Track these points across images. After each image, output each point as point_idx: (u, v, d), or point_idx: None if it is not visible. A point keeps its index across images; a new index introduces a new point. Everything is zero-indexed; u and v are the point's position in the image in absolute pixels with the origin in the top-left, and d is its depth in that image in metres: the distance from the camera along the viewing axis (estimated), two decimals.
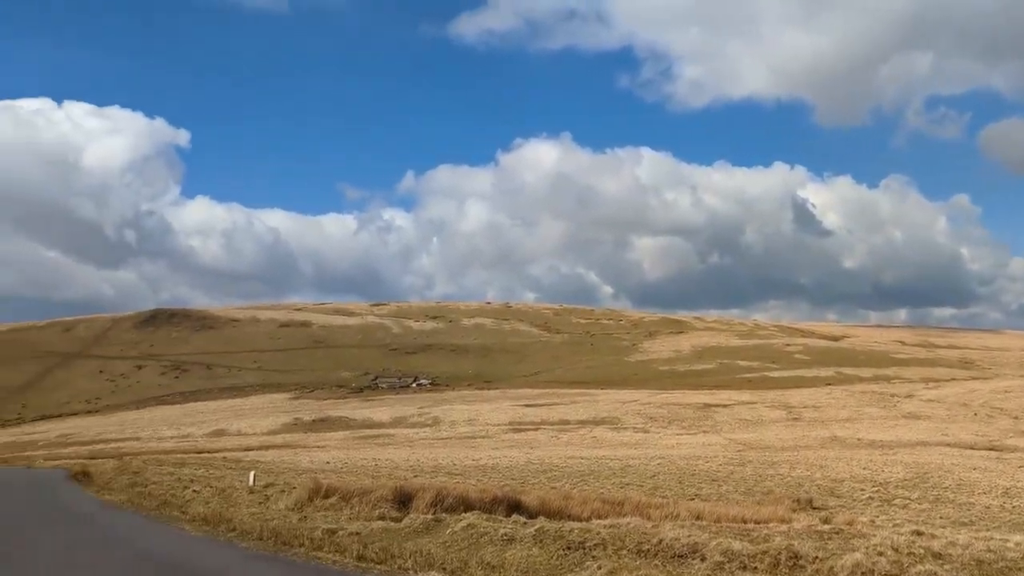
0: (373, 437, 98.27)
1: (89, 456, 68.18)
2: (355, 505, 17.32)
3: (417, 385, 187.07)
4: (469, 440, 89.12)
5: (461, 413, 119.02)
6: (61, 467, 50.16)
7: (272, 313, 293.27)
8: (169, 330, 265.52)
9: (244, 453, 66.18)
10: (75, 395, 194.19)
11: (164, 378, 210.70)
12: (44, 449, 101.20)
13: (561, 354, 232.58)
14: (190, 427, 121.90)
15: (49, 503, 23.89)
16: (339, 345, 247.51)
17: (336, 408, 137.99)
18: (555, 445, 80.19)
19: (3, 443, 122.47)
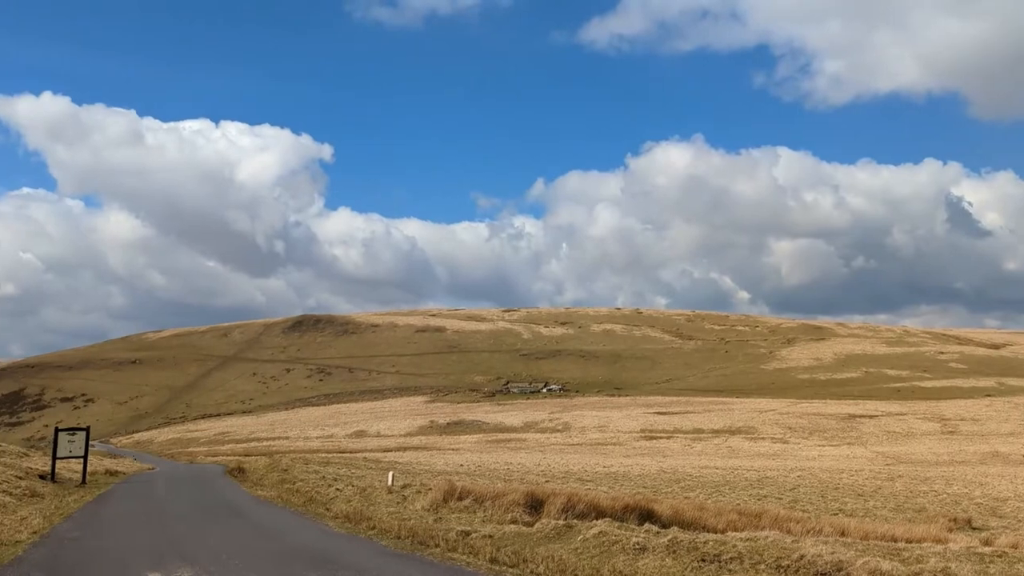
0: (505, 441, 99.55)
1: (244, 453, 72.91)
2: (488, 508, 17.63)
3: (547, 390, 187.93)
4: (600, 447, 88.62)
5: (591, 419, 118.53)
6: (219, 463, 53.90)
7: (409, 319, 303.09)
8: (314, 335, 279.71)
9: (383, 454, 68.74)
10: (231, 396, 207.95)
11: (310, 380, 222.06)
12: (205, 446, 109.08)
13: (694, 361, 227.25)
14: (333, 428, 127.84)
15: (211, 497, 25.73)
16: (472, 350, 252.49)
17: (469, 412, 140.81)
18: (688, 454, 78.41)
19: (170, 439, 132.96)
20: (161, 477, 37.89)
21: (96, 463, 36.42)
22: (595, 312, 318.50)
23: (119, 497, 25.72)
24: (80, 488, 28.92)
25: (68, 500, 24.07)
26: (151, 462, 61.25)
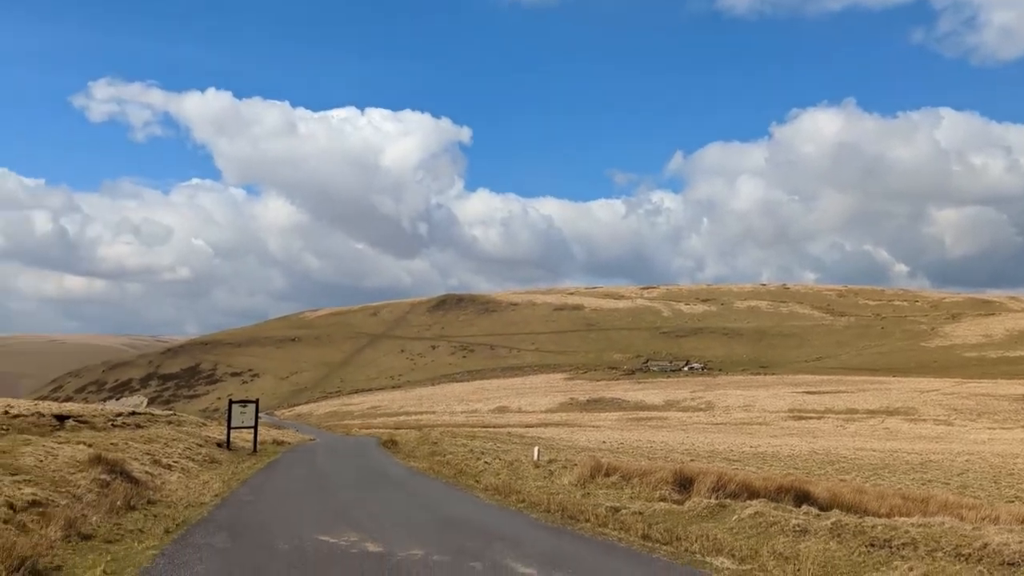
0: (646, 419, 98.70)
1: (394, 426, 76.23)
2: (635, 485, 17.56)
3: (689, 369, 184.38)
4: (745, 426, 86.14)
5: (736, 398, 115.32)
6: (373, 435, 56.62)
7: (547, 297, 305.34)
8: (457, 313, 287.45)
9: (525, 429, 69.89)
10: (381, 371, 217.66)
11: (454, 357, 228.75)
12: (359, 419, 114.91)
13: (846, 339, 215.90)
14: (477, 403, 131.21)
15: (369, 467, 27.11)
16: (610, 328, 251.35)
17: (609, 389, 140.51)
18: (841, 435, 74.83)
19: (328, 412, 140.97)
20: (322, 448, 40.26)
21: (264, 433, 39.16)
22: (739, 288, 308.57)
23: (286, 465, 27.57)
24: (252, 456, 31.25)
25: (242, 467, 26.07)
26: (311, 433, 65.19)
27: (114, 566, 9.40)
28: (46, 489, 13.95)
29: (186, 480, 20.87)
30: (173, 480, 20.55)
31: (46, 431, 27.99)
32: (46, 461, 17.04)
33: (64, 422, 32.24)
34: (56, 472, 16.04)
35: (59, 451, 18.70)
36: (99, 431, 30.32)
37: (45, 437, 23.75)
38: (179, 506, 15.40)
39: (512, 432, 58.51)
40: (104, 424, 34.46)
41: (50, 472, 15.89)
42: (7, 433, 25.48)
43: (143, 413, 45.26)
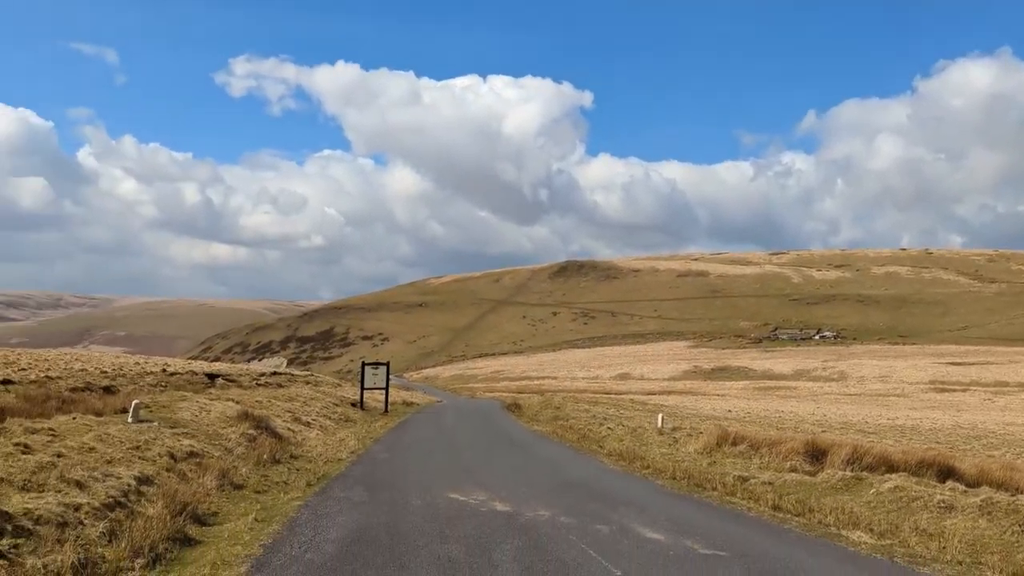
0: (773, 388, 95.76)
1: (517, 391, 77.46)
2: (764, 455, 17.13)
3: (820, 337, 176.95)
4: (881, 398, 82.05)
5: (871, 368, 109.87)
6: (496, 399, 57.78)
7: (670, 263, 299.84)
8: (578, 280, 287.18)
9: (647, 397, 69.35)
10: (504, 337, 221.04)
11: (575, 324, 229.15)
12: (482, 382, 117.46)
13: (996, 307, 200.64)
14: (598, 370, 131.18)
15: (494, 429, 27.74)
16: (736, 295, 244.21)
17: (735, 358, 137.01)
18: (988, 409, 69.96)
19: (453, 375, 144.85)
20: (448, 409, 41.49)
21: (394, 394, 40.71)
22: (875, 253, 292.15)
23: (416, 425, 28.61)
24: (384, 416, 32.62)
25: (375, 426, 27.27)
26: (438, 395, 67.24)
27: (264, 515, 10.09)
28: (201, 441, 15.10)
29: (324, 437, 22.05)
30: (312, 437, 21.77)
31: (199, 388, 30.22)
32: (200, 416, 18.42)
33: (214, 380, 34.69)
34: (209, 426, 17.31)
35: (211, 407, 20.16)
36: (245, 389, 32.45)
37: (198, 394, 25.65)
38: (318, 461, 16.31)
39: (634, 399, 58.20)
40: (249, 383, 36.83)
41: (204, 426, 17.17)
42: (166, 389, 27.68)
43: (283, 373, 48.04)
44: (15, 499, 7.60)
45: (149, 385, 28.79)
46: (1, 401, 17.50)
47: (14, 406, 17.13)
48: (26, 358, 32.37)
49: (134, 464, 11.01)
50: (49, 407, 17.96)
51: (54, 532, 7.14)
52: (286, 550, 8.21)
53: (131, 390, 25.22)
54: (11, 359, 31.61)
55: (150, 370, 34.20)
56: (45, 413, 16.39)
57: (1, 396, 18.83)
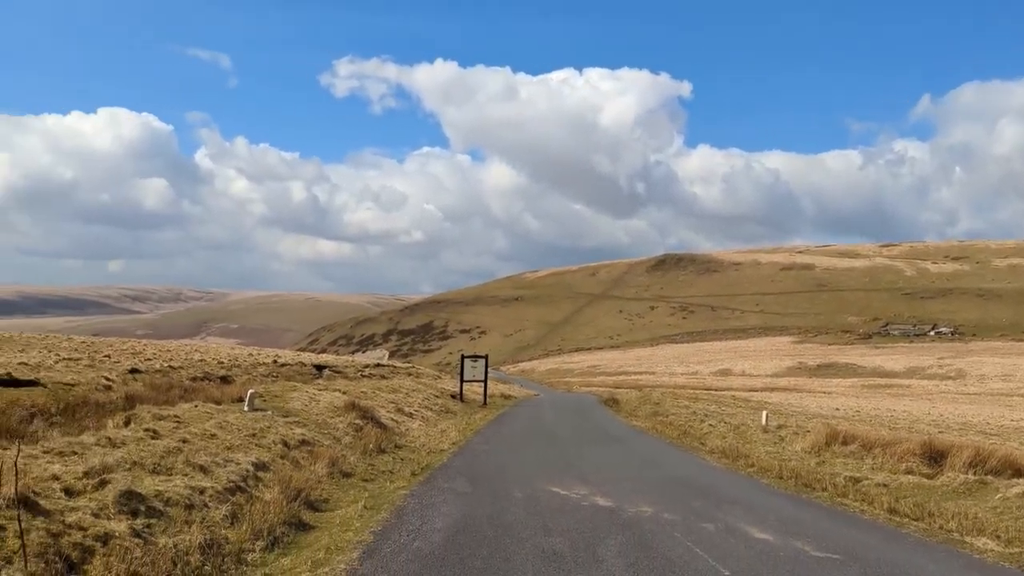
0: (884, 387, 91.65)
1: (613, 385, 76.97)
2: (877, 456, 16.44)
3: (935, 333, 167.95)
4: (1004, 398, 77.20)
5: (993, 367, 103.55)
6: (592, 393, 57.59)
7: (773, 256, 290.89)
8: (676, 273, 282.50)
9: (749, 393, 67.60)
10: (600, 331, 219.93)
11: (673, 318, 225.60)
12: (578, 376, 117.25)
13: None
14: (697, 365, 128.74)
15: (592, 423, 27.68)
16: (844, 289, 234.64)
17: (842, 354, 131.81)
18: None
19: (549, 369, 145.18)
20: (546, 403, 41.62)
21: (492, 387, 41.12)
22: (998, 245, 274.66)
23: (514, 418, 28.84)
24: (483, 408, 33.04)
25: (475, 418, 27.65)
26: (535, 389, 67.59)
27: (372, 502, 10.40)
28: (312, 430, 15.70)
29: (426, 428, 22.54)
30: (414, 427, 22.29)
31: (307, 379, 31.43)
32: (310, 405, 19.14)
33: (322, 371, 36.00)
34: (318, 416, 17.97)
35: (320, 397, 20.92)
36: (350, 380, 33.54)
37: (307, 384, 26.67)
38: (421, 451, 16.68)
39: (736, 396, 56.83)
40: (354, 374, 38.05)
41: (314, 415, 17.84)
42: (277, 379, 28.91)
43: (386, 365, 49.38)
44: (147, 481, 8.11)
45: (262, 375, 30.15)
46: (131, 389, 18.70)
47: (142, 394, 18.26)
48: (151, 349, 34.50)
49: (251, 451, 11.55)
50: (173, 395, 19.05)
51: (182, 514, 7.58)
52: (395, 538, 8.44)
53: (245, 380, 26.47)
54: (138, 350, 33.74)
55: (262, 361, 35.80)
56: (170, 401, 17.40)
57: (131, 384, 20.12)
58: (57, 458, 8.20)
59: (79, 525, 6.26)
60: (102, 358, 26.99)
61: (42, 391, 16.21)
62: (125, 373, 22.52)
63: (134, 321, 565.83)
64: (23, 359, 21.63)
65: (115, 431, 10.82)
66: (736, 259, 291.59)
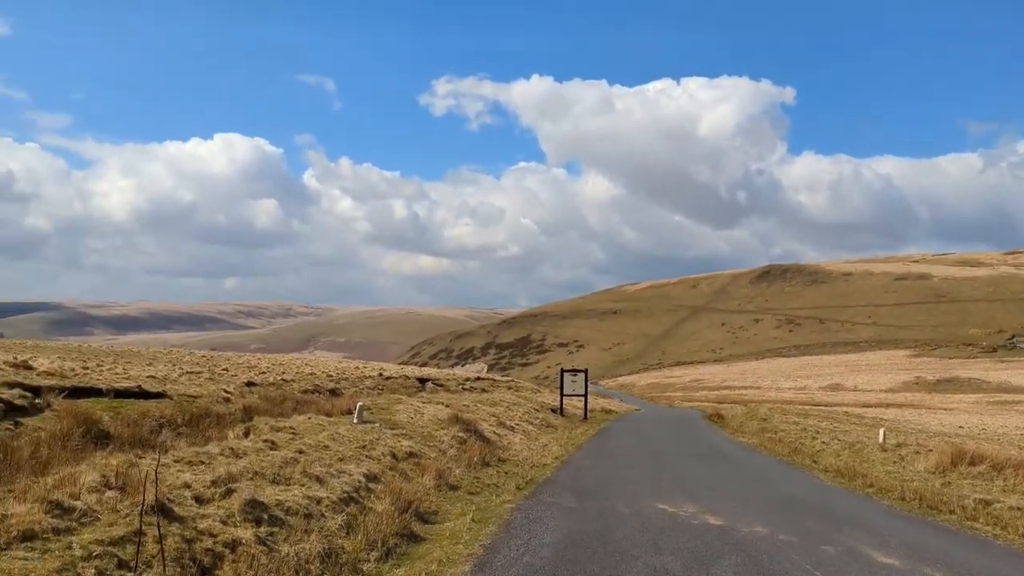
0: (1012, 403, 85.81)
1: (717, 400, 75.10)
2: (1009, 477, 15.40)
3: None
4: None
5: None
6: (695, 408, 56.34)
7: (886, 266, 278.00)
8: (782, 285, 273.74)
9: (863, 409, 64.63)
10: (702, 345, 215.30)
11: (779, 331, 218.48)
12: (680, 391, 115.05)
13: None
14: (806, 379, 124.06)
15: (696, 439, 27.08)
16: (965, 299, 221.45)
17: (964, 368, 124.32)
18: None
19: (649, 383, 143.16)
20: (647, 418, 41.03)
21: (592, 402, 40.91)
22: None
23: (616, 433, 28.55)
24: (583, 422, 32.87)
25: (575, 432, 27.53)
26: (635, 403, 66.75)
27: (480, 516, 10.50)
28: (418, 442, 16.00)
29: (527, 442, 22.59)
30: (516, 441, 22.38)
31: (411, 391, 32.10)
32: (415, 418, 19.52)
33: (424, 384, 36.69)
34: (423, 428, 18.30)
35: (424, 409, 21.31)
36: (452, 393, 34.03)
37: (411, 397, 27.24)
38: (524, 465, 16.73)
39: (848, 412, 54.44)
40: (456, 388, 38.60)
41: (419, 428, 18.19)
42: (382, 392, 29.65)
43: (486, 379, 49.87)
44: (268, 491, 8.45)
45: (368, 388, 30.99)
46: (248, 401, 19.57)
47: (258, 406, 19.08)
48: (264, 363, 36.03)
49: (362, 462, 11.87)
50: (286, 407, 19.82)
51: (302, 522, 7.86)
52: (504, 552, 8.48)
53: (353, 392, 27.28)
54: (252, 364, 35.32)
55: (368, 374, 36.80)
56: (284, 413, 18.10)
57: (247, 397, 21.05)
58: (187, 467, 8.67)
59: (209, 532, 6.60)
60: (220, 371, 28.36)
61: (169, 403, 17.16)
62: (242, 386, 23.60)
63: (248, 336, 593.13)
64: (151, 372, 22.97)
65: (236, 442, 11.33)
66: (846, 269, 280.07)
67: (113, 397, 16.49)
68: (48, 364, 20.87)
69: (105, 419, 13.19)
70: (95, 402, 15.29)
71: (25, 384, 14.93)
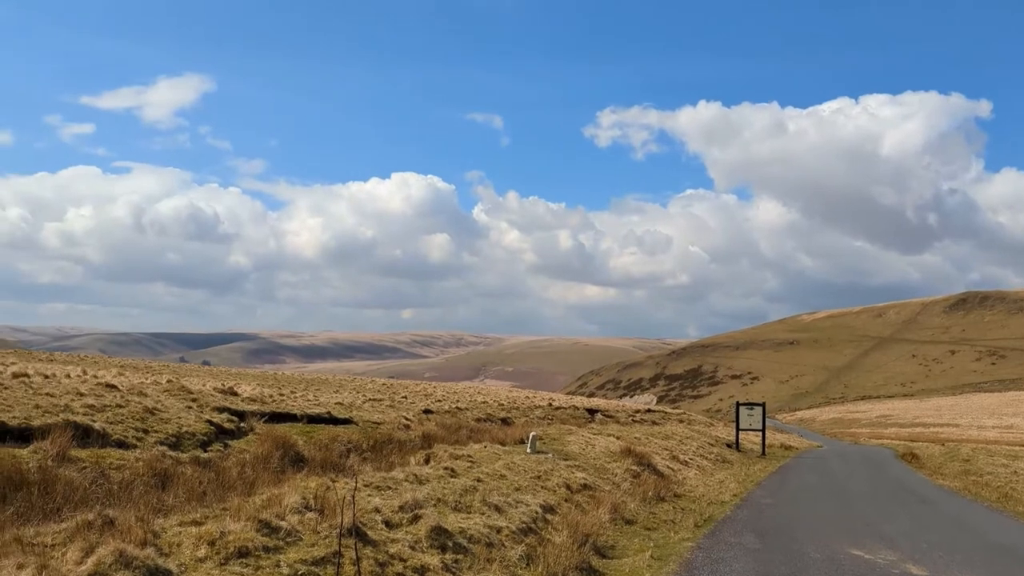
0: None
1: (908, 438, 69.24)
2: None
3: None
4: None
5: None
6: (884, 446, 52.22)
7: None
8: (981, 313, 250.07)
9: None
10: (889, 378, 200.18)
11: (979, 364, 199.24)
12: (866, 427, 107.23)
13: None
14: (1013, 418, 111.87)
15: (889, 480, 25.06)
16: None
17: None
18: None
19: (831, 418, 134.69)
20: (831, 455, 38.51)
21: (770, 437, 39.02)
22: None
23: (798, 470, 27.00)
24: (761, 459, 31.37)
25: (753, 469, 26.31)
26: (816, 439, 62.92)
27: (658, 553, 10.24)
28: (591, 474, 15.91)
29: (703, 477, 21.85)
30: (691, 476, 21.70)
31: (581, 422, 32.06)
32: (586, 449, 19.45)
33: (594, 415, 36.54)
34: (595, 460, 18.18)
35: (595, 441, 21.19)
36: (622, 425, 33.64)
37: (581, 427, 27.18)
38: (701, 502, 16.16)
39: None
40: (625, 419, 38.14)
41: (591, 459, 18.09)
42: (552, 422, 29.82)
43: (656, 411, 48.91)
44: (451, 518, 8.70)
45: (538, 418, 31.30)
46: (426, 429, 20.33)
47: (435, 433, 19.77)
48: (439, 391, 37.35)
49: (538, 493, 11.96)
50: (461, 435, 20.40)
51: (484, 551, 8.02)
52: None
53: (523, 422, 27.65)
54: (428, 392, 36.73)
55: (538, 404, 37.19)
56: (459, 440, 18.64)
57: (425, 424, 21.87)
58: (375, 491, 9.10)
59: (400, 556, 6.88)
60: (400, 399, 29.70)
61: (355, 428, 18.16)
62: (420, 413, 24.57)
63: (423, 364, 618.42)
64: (338, 399, 24.44)
65: (418, 468, 11.78)
66: None
67: (306, 422, 17.69)
68: (250, 391, 22.76)
69: (300, 443, 14.16)
70: (290, 426, 16.46)
71: (232, 409, 16.35)
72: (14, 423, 10.45)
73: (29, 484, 8.01)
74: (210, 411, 15.33)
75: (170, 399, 15.98)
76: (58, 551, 5.66)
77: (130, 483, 9.16)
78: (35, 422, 10.67)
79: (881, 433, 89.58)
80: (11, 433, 10.14)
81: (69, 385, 15.74)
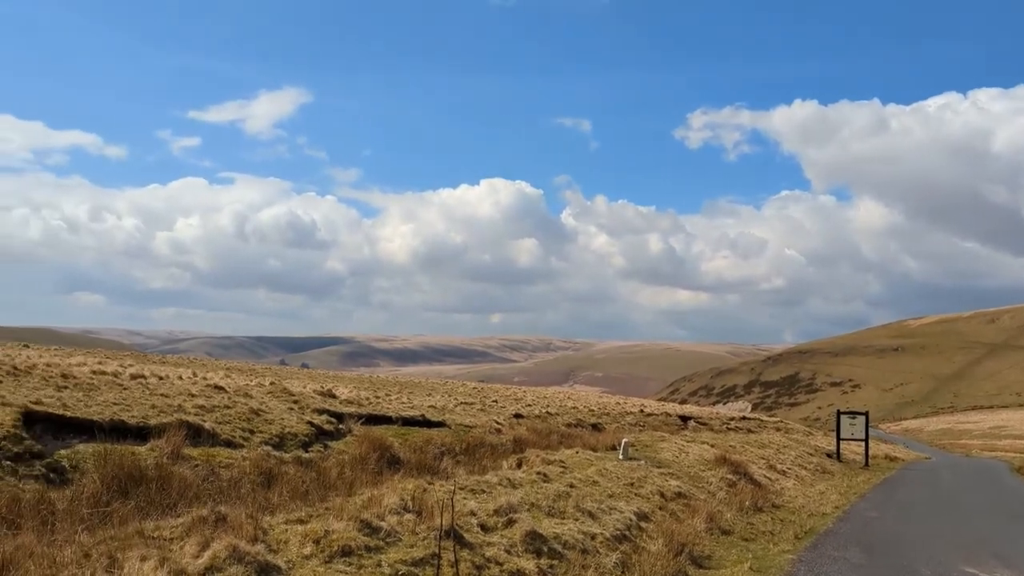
0: None
1: None
2: None
3: None
4: None
5: None
6: (999, 459, 49.36)
7: None
8: None
9: None
10: (1004, 387, 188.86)
11: None
12: (978, 439, 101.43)
13: None
14: None
15: (1006, 494, 23.65)
16: None
17: None
18: None
19: (939, 429, 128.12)
20: (941, 467, 36.67)
21: (873, 447, 37.42)
22: None
23: (905, 483, 25.81)
24: (864, 470, 30.13)
25: (856, 480, 25.30)
26: (923, 451, 59.99)
27: (757, 564, 9.98)
28: (685, 483, 15.65)
29: (802, 488, 21.15)
30: (789, 486, 21.04)
31: (673, 429, 31.56)
32: (680, 457, 19.14)
33: (686, 422, 35.92)
34: (689, 468, 17.87)
35: (688, 449, 20.83)
36: (716, 433, 32.93)
37: (673, 435, 26.76)
38: (801, 513, 15.66)
39: None
40: (719, 427, 37.33)
41: (685, 467, 17.78)
42: (644, 429, 29.48)
43: (752, 418, 47.67)
44: (545, 523, 8.73)
45: (629, 424, 31.01)
46: (517, 433, 20.44)
47: (526, 438, 19.84)
48: (530, 395, 37.47)
49: (632, 500, 11.85)
50: (552, 440, 20.41)
51: (578, 557, 8.01)
52: None
53: (615, 428, 27.43)
54: (518, 396, 36.91)
55: (629, 410, 36.83)
56: (550, 445, 18.64)
57: (516, 428, 21.99)
58: (470, 495, 9.22)
59: (496, 560, 6.95)
60: (491, 403, 29.95)
61: (448, 431, 18.43)
62: (511, 417, 24.72)
63: (511, 368, 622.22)
64: (431, 402, 24.85)
65: (511, 472, 11.86)
66: None
67: (400, 425, 18.07)
68: (347, 393, 23.42)
69: (395, 445, 14.48)
70: (386, 429, 16.84)
71: (330, 411, 16.87)
72: (132, 422, 11.08)
73: (148, 480, 8.48)
74: (310, 413, 15.86)
75: (273, 401, 16.62)
76: (176, 544, 5.98)
77: (238, 481, 9.58)
78: (151, 421, 11.29)
79: (995, 445, 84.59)
80: (130, 431, 10.76)
81: (181, 386, 16.58)
